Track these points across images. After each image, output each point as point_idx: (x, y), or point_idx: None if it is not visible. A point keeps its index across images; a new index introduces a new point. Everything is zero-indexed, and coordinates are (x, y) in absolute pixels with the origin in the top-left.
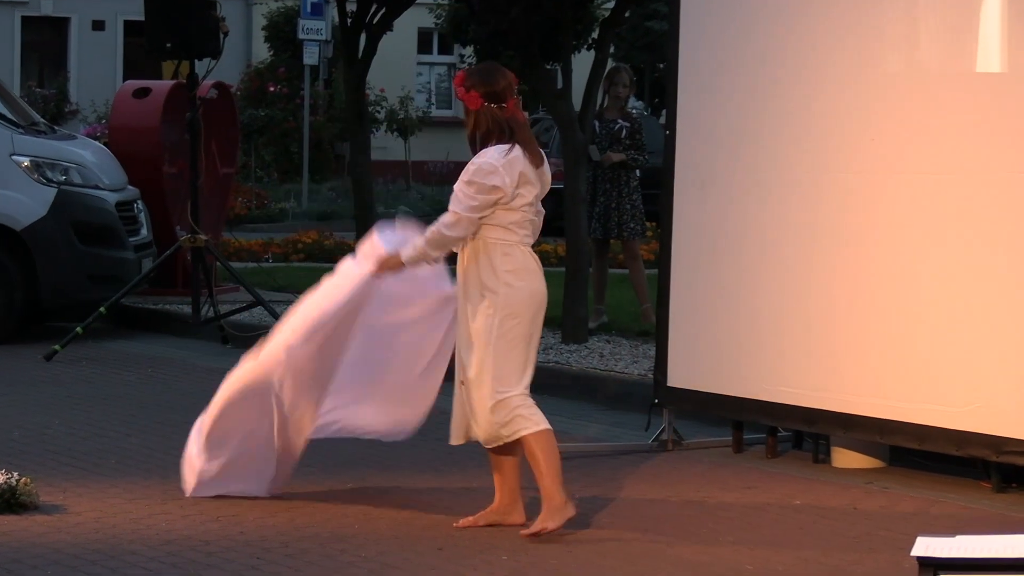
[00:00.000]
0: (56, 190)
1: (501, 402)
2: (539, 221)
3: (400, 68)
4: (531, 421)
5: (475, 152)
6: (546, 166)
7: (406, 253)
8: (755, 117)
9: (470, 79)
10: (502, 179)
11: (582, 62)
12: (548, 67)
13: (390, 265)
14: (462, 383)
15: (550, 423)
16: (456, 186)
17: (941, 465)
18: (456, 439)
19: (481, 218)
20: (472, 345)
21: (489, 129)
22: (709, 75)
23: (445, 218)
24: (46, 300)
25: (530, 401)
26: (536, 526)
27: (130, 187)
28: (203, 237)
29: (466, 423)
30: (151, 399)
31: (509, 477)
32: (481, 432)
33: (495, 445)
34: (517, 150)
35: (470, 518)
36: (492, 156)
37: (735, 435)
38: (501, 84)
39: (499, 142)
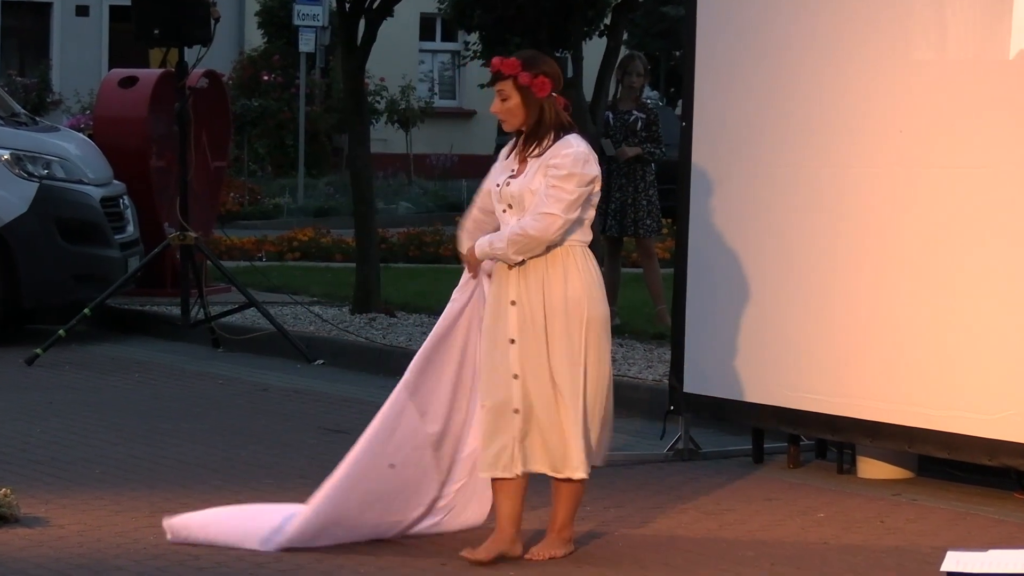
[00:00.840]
0: (38, 185)
1: (601, 428)
2: None
3: (401, 56)
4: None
5: (532, 146)
6: None
7: (480, 247)
8: (776, 109)
9: (534, 63)
10: (596, 167)
11: (593, 49)
12: (557, 55)
13: (467, 260)
14: (516, 411)
15: None
16: (546, 185)
17: (972, 475)
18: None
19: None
20: (556, 364)
21: (548, 123)
22: (728, 64)
23: (536, 221)
24: (27, 301)
25: None
26: (545, 552)
27: (116, 182)
28: (193, 234)
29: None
30: (138, 405)
31: (520, 505)
32: (577, 461)
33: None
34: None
35: (475, 552)
36: (578, 143)
37: (755, 444)
38: (557, 71)
39: (558, 138)
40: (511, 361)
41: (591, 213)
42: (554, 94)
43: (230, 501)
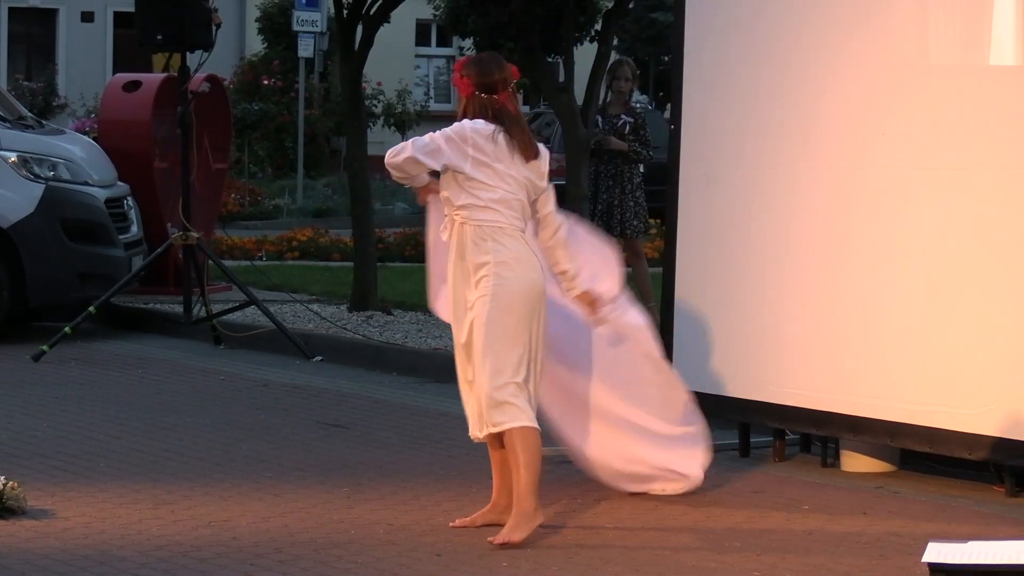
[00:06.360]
0: (44, 186)
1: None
2: (551, 217)
3: (398, 61)
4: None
5: None
6: (542, 161)
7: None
8: (763, 112)
9: (466, 67)
10: (468, 129)
11: (585, 54)
12: (549, 60)
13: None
14: (469, 381)
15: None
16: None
17: (953, 469)
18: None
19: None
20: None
21: (476, 117)
22: (715, 69)
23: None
24: (34, 299)
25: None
26: (501, 537)
27: (120, 183)
28: (195, 235)
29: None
30: (141, 401)
31: (509, 475)
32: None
33: (483, 435)
34: (500, 135)
35: (466, 518)
36: (467, 121)
37: (742, 438)
38: (495, 76)
39: None
40: (463, 335)
41: (492, 194)
42: (484, 95)
43: (231, 493)
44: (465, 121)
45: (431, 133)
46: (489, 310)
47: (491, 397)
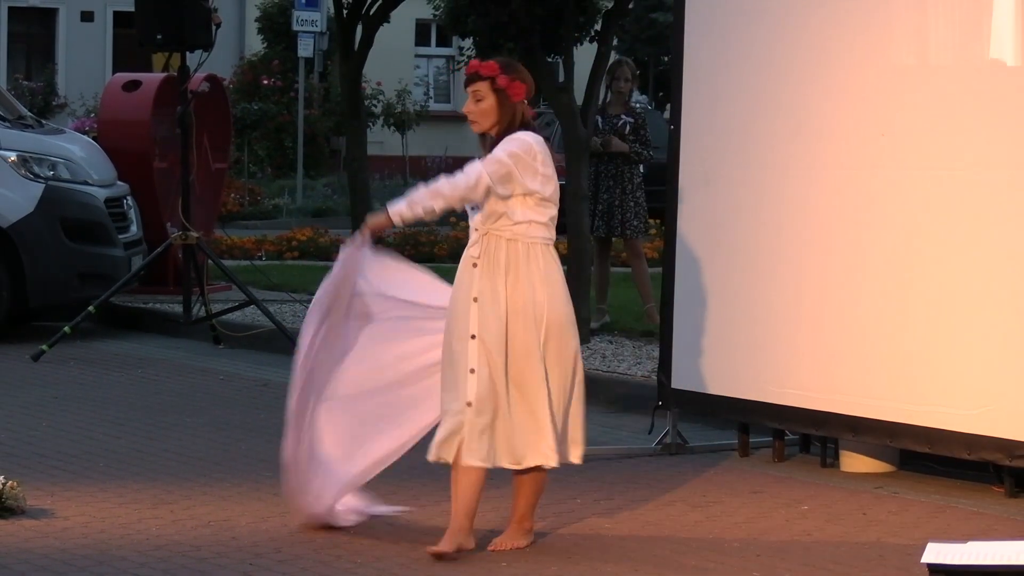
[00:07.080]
0: (44, 186)
1: (566, 423)
2: None
3: (397, 61)
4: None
5: (488, 149)
6: None
7: (397, 207)
8: (762, 112)
9: (512, 70)
10: (542, 153)
11: (584, 54)
12: (549, 60)
13: (378, 224)
14: (469, 404)
15: None
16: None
17: (952, 469)
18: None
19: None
20: (515, 361)
21: (518, 127)
22: (715, 69)
23: (461, 173)
24: (33, 299)
25: None
26: (507, 543)
27: (119, 183)
28: (194, 234)
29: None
30: (141, 400)
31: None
32: (547, 450)
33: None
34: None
35: (442, 547)
36: (528, 135)
37: (741, 438)
38: (532, 81)
39: None
40: (469, 356)
41: (553, 211)
42: (526, 101)
43: (231, 493)
44: (524, 134)
45: (497, 156)
46: (546, 339)
47: (559, 429)
